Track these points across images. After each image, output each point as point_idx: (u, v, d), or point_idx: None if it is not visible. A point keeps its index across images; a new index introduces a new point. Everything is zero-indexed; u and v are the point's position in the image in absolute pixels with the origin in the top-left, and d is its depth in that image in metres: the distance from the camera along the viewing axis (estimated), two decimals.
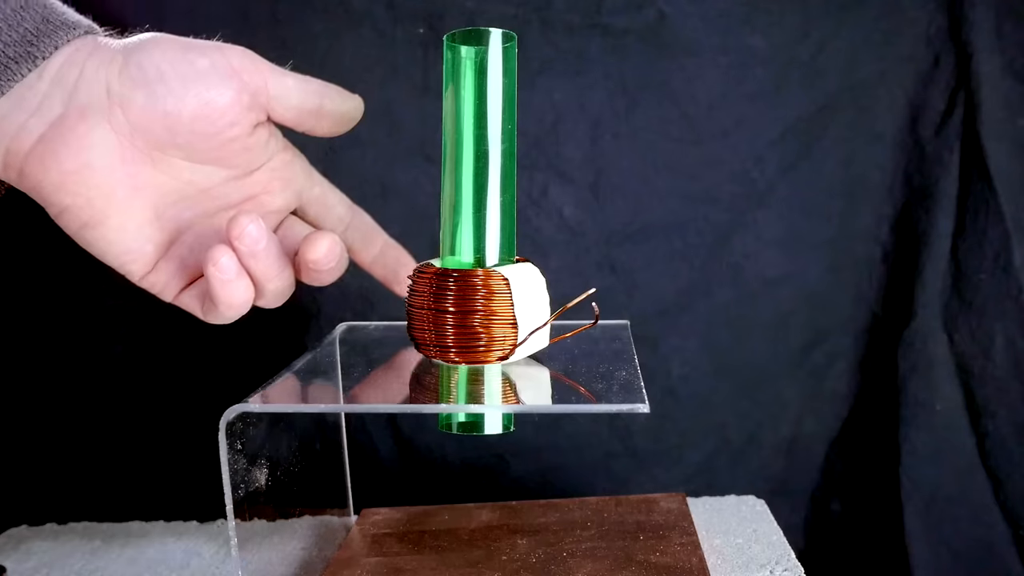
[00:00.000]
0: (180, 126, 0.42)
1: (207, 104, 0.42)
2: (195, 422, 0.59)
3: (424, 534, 0.55)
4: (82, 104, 0.40)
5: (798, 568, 0.53)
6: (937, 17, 0.69)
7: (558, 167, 0.71)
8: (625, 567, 0.49)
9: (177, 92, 0.41)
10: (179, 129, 0.42)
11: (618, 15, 0.68)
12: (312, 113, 0.47)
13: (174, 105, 0.41)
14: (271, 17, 0.67)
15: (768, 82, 0.70)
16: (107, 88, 0.41)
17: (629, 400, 0.41)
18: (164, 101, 0.41)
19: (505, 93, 0.46)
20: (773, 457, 0.76)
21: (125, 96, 0.41)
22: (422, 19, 0.68)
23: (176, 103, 0.41)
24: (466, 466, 0.75)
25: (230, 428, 0.42)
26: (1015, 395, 0.71)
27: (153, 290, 0.45)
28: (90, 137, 0.40)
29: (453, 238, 0.47)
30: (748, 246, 0.72)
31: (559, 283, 0.52)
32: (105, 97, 0.41)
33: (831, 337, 0.74)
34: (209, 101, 0.42)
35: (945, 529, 0.73)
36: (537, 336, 0.47)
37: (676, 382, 0.74)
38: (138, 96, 0.41)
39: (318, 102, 0.47)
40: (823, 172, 0.71)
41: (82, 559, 0.59)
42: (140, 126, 0.41)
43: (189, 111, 0.41)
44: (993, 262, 0.70)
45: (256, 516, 0.47)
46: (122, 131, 0.41)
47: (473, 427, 0.48)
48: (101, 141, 0.41)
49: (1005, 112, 0.69)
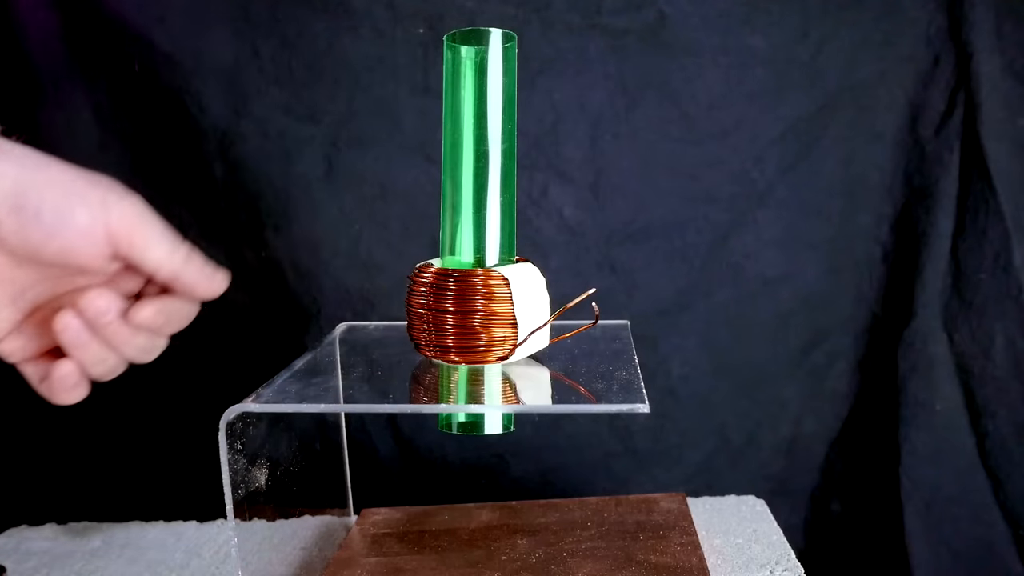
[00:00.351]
0: (43, 256, 0.44)
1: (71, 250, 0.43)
2: (195, 422, 0.59)
3: (424, 534, 0.55)
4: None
5: (798, 568, 0.53)
6: (937, 17, 0.69)
7: (558, 167, 0.71)
8: (625, 567, 0.49)
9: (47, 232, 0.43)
10: (41, 257, 0.44)
11: (618, 15, 0.68)
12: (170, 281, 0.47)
13: (40, 242, 0.43)
14: (271, 17, 0.67)
15: (768, 82, 0.70)
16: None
17: (629, 400, 0.41)
18: (33, 236, 0.43)
19: (505, 93, 0.46)
20: (773, 457, 0.76)
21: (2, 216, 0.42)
22: (422, 19, 0.68)
23: (43, 241, 0.43)
24: (466, 466, 0.75)
25: (230, 428, 0.42)
26: (1015, 395, 0.71)
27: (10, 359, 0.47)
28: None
29: (453, 238, 0.47)
30: (748, 246, 0.72)
31: (559, 283, 0.52)
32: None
33: (831, 337, 0.74)
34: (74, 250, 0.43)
35: (945, 529, 0.73)
36: (537, 336, 0.47)
37: (676, 382, 0.74)
38: (10, 222, 0.42)
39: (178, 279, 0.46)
40: (823, 172, 0.71)
41: (82, 559, 0.59)
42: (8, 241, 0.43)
43: (53, 251, 0.43)
44: (993, 262, 0.70)
45: (256, 516, 0.47)
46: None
47: (473, 427, 0.48)
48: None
49: (1005, 112, 0.69)
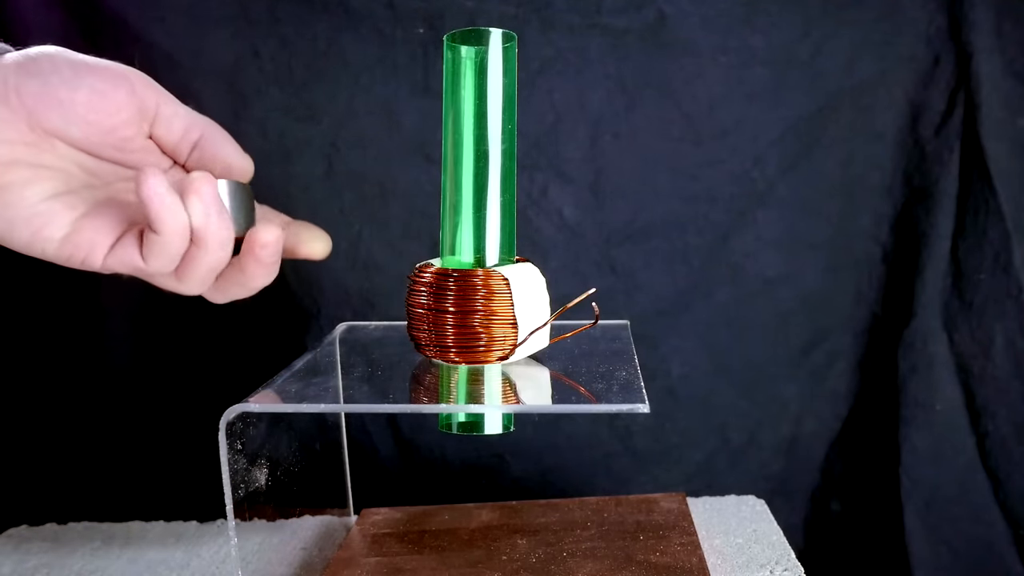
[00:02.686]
0: (75, 115, 0.43)
1: (101, 95, 0.44)
2: (195, 422, 0.59)
3: (424, 534, 0.55)
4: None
5: (798, 568, 0.53)
6: (937, 17, 0.69)
7: (558, 167, 0.71)
8: (625, 567, 0.49)
9: (71, 82, 0.43)
10: (74, 118, 0.43)
11: (618, 15, 0.68)
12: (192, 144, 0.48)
13: (67, 94, 0.43)
14: (271, 17, 0.67)
15: (768, 82, 0.70)
16: (3, 79, 0.43)
17: (629, 400, 0.41)
18: (58, 89, 0.43)
19: (505, 93, 0.46)
20: (773, 457, 0.76)
21: (21, 84, 0.42)
22: (422, 19, 0.68)
23: (69, 92, 0.43)
24: (466, 466, 0.75)
25: (230, 428, 0.42)
26: (1015, 395, 0.71)
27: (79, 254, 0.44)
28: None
29: (453, 238, 0.47)
30: (748, 246, 0.72)
31: (559, 283, 0.52)
32: (2, 85, 0.42)
33: (831, 337, 0.74)
34: (103, 92, 0.44)
35: (945, 529, 0.73)
36: (537, 336, 0.47)
37: (676, 382, 0.74)
38: (33, 84, 0.43)
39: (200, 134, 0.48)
40: (823, 172, 0.71)
41: (82, 559, 0.59)
42: (37, 111, 0.43)
43: (82, 101, 0.43)
44: (993, 262, 0.70)
45: (256, 516, 0.47)
46: (19, 114, 0.43)
47: (473, 427, 0.48)
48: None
49: (1005, 112, 0.69)
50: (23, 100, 0.43)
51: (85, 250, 0.44)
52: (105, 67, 0.45)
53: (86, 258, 0.44)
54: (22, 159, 0.43)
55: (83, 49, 0.67)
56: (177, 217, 0.41)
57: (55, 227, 0.43)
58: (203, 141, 0.48)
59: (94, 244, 0.43)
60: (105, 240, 0.44)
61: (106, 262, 0.44)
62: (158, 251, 0.43)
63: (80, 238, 0.43)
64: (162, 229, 0.41)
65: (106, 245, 0.44)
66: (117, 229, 0.44)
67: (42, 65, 0.43)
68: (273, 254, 0.45)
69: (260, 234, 0.44)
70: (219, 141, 0.49)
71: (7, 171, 0.42)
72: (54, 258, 0.44)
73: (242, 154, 0.50)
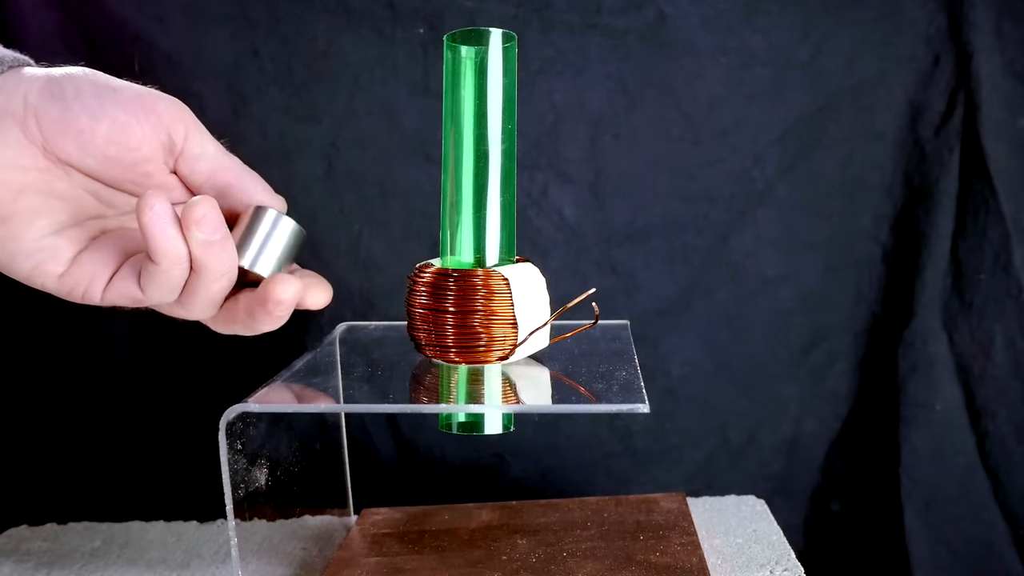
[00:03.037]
0: (93, 147, 0.41)
1: (123, 128, 0.41)
2: (195, 422, 0.59)
3: (424, 534, 0.55)
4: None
5: (798, 568, 0.53)
6: (937, 17, 0.69)
7: (558, 167, 0.71)
8: (625, 567, 0.49)
9: (92, 111, 0.41)
10: (92, 150, 0.41)
11: (618, 15, 0.68)
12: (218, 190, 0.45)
13: (88, 124, 0.40)
14: (271, 17, 0.67)
15: (768, 82, 0.70)
16: (24, 99, 0.40)
17: (629, 400, 0.41)
18: (79, 118, 0.40)
19: (505, 93, 0.46)
20: (773, 457, 0.76)
21: (41, 108, 0.40)
22: (422, 19, 0.68)
23: (90, 122, 0.40)
24: (466, 466, 0.75)
25: (230, 428, 0.42)
26: (1015, 395, 0.71)
27: (79, 289, 0.42)
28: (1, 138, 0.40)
29: (453, 238, 0.47)
30: (748, 246, 0.72)
31: (559, 283, 0.52)
32: (21, 107, 0.40)
33: (831, 337, 0.74)
34: (125, 125, 0.41)
35: (945, 529, 0.73)
36: (537, 336, 0.47)
37: (676, 382, 0.74)
38: (53, 109, 0.40)
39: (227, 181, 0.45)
40: (823, 172, 0.71)
41: (82, 559, 0.59)
42: (53, 138, 0.41)
43: (103, 132, 0.41)
44: (993, 262, 0.70)
45: (256, 516, 0.47)
46: (35, 140, 0.41)
47: (473, 427, 0.48)
48: (12, 143, 0.40)
49: (1005, 112, 0.69)
50: (41, 125, 0.40)
51: (84, 284, 0.42)
52: (132, 96, 0.42)
53: (85, 292, 0.43)
54: (33, 186, 0.41)
55: (83, 49, 0.68)
56: (177, 247, 0.39)
57: (56, 263, 0.42)
58: (230, 189, 0.45)
59: (93, 277, 0.42)
60: (103, 273, 0.42)
61: (105, 295, 0.43)
62: (158, 282, 0.41)
63: (80, 272, 0.42)
64: (160, 260, 0.40)
65: (104, 278, 0.43)
66: (115, 261, 0.43)
67: (65, 89, 0.41)
68: (286, 311, 0.43)
69: (277, 290, 0.42)
70: (248, 187, 0.45)
71: (17, 199, 0.41)
72: (54, 292, 0.43)
73: (274, 196, 0.47)
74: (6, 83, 0.41)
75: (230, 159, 0.45)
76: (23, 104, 0.40)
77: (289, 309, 0.43)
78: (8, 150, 0.40)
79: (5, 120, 0.40)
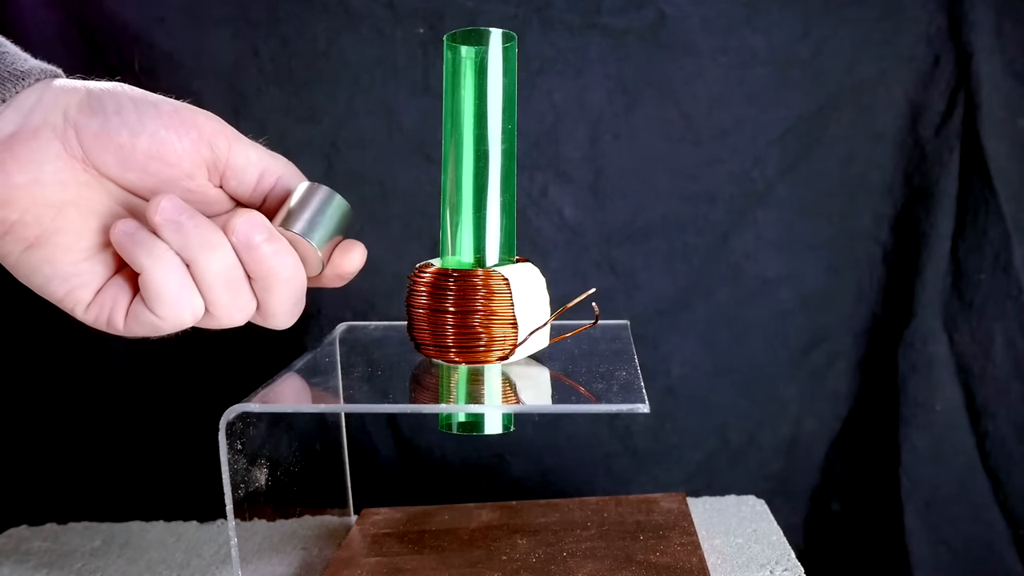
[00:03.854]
0: (133, 162, 0.40)
1: (162, 144, 0.40)
2: (195, 422, 0.59)
3: (424, 534, 0.55)
4: (36, 124, 0.40)
5: (798, 568, 0.53)
6: (937, 17, 0.69)
7: (558, 167, 0.71)
8: (625, 567, 0.49)
9: (133, 126, 0.40)
10: (132, 165, 0.41)
11: (618, 15, 0.68)
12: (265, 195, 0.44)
13: (128, 139, 0.40)
14: (271, 17, 0.67)
15: (768, 82, 0.70)
16: (64, 113, 0.40)
17: (629, 400, 0.41)
18: (119, 133, 0.40)
19: (505, 93, 0.46)
20: (773, 457, 0.76)
21: (81, 122, 0.40)
22: (422, 19, 0.68)
23: (131, 137, 0.40)
24: (466, 466, 0.75)
25: (230, 428, 0.42)
26: (1015, 395, 0.71)
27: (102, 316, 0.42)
28: (41, 153, 0.39)
29: (453, 238, 0.47)
30: (748, 246, 0.72)
31: (559, 283, 0.52)
32: (61, 120, 0.40)
33: (831, 337, 0.74)
34: (165, 141, 0.40)
35: (945, 529, 0.73)
36: (537, 336, 0.47)
37: (676, 382, 0.74)
38: (93, 123, 0.40)
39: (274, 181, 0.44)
40: (823, 172, 0.71)
41: (82, 559, 0.59)
42: (93, 152, 0.40)
43: (143, 148, 0.40)
44: (993, 262, 0.70)
45: (256, 516, 0.47)
46: (75, 154, 0.40)
47: (473, 427, 0.48)
48: (53, 158, 0.40)
49: (1005, 112, 0.69)
50: (81, 139, 0.40)
51: (107, 313, 0.42)
52: (172, 111, 0.41)
53: (109, 319, 0.42)
54: (73, 203, 0.40)
55: (83, 49, 0.68)
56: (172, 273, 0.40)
57: (86, 290, 0.41)
58: (277, 189, 0.44)
59: (115, 306, 0.42)
60: (123, 302, 0.42)
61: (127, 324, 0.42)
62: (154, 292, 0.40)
63: (104, 297, 0.42)
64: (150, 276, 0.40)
65: (124, 306, 0.42)
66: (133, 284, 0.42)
67: (105, 103, 0.40)
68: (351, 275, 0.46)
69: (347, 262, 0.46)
70: (294, 182, 0.45)
71: (59, 215, 0.40)
72: (83, 320, 0.42)
73: None
74: (44, 96, 0.40)
75: (271, 157, 0.45)
76: (63, 117, 0.40)
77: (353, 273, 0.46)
78: (49, 164, 0.40)
79: (45, 133, 0.40)
